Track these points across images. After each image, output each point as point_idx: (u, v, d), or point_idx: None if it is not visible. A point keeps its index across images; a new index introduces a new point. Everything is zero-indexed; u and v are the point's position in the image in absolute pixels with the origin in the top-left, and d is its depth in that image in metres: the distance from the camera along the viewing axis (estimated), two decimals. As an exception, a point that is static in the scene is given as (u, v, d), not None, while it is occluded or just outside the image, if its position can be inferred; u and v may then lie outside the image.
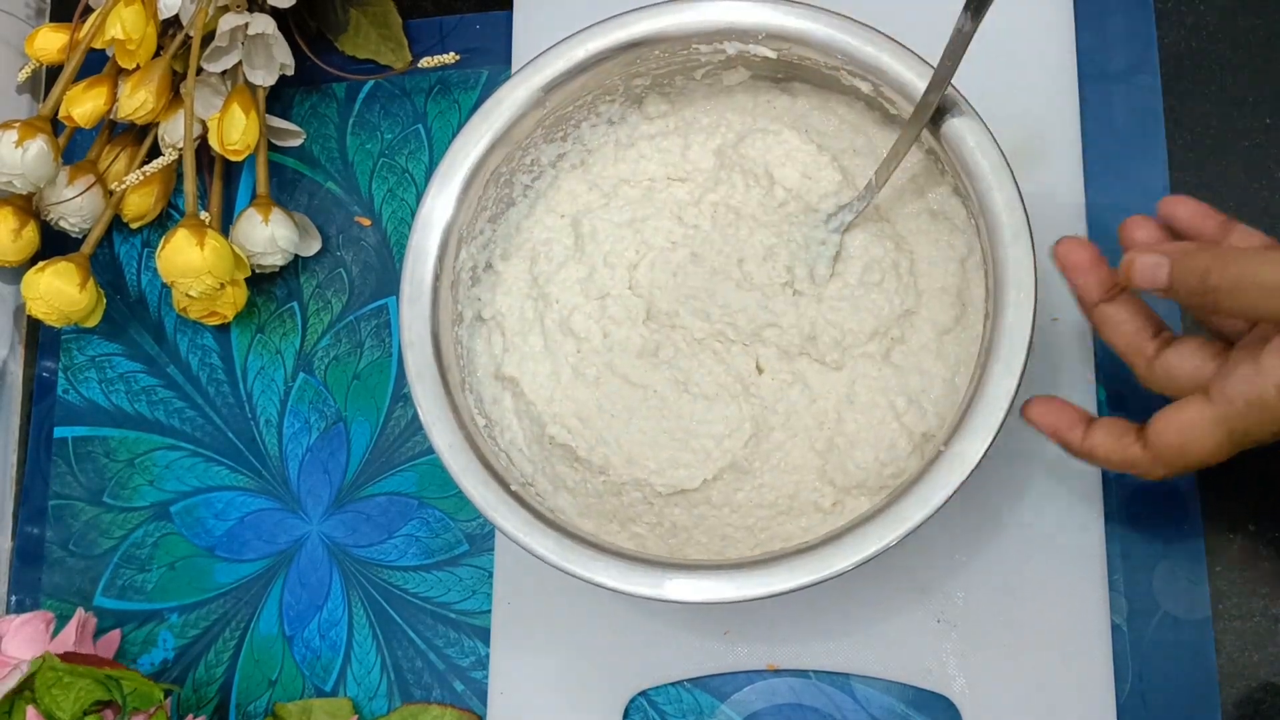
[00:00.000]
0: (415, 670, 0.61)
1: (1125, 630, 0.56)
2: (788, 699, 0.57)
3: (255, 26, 0.62)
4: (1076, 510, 0.56)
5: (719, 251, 0.57)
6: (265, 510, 0.65)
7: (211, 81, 0.65)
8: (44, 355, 0.69)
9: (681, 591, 0.50)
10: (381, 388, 0.65)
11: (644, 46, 0.55)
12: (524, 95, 0.55)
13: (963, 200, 0.55)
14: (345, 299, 0.66)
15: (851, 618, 0.57)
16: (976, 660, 0.56)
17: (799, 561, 0.49)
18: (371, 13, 0.68)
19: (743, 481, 0.55)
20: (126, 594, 0.65)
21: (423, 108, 0.68)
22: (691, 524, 0.55)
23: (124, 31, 0.61)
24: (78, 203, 0.65)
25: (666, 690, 0.59)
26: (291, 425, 0.65)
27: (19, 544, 0.67)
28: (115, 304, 0.69)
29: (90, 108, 0.63)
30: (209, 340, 0.67)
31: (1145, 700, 0.55)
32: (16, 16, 0.71)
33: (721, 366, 0.56)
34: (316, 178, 0.68)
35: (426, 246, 0.55)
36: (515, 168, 0.58)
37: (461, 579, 0.62)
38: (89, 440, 0.67)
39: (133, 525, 0.66)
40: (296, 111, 0.69)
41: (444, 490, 0.63)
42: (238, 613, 0.64)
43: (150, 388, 0.67)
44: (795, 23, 0.53)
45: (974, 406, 0.49)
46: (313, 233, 0.67)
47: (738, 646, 0.58)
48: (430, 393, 0.53)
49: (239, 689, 0.63)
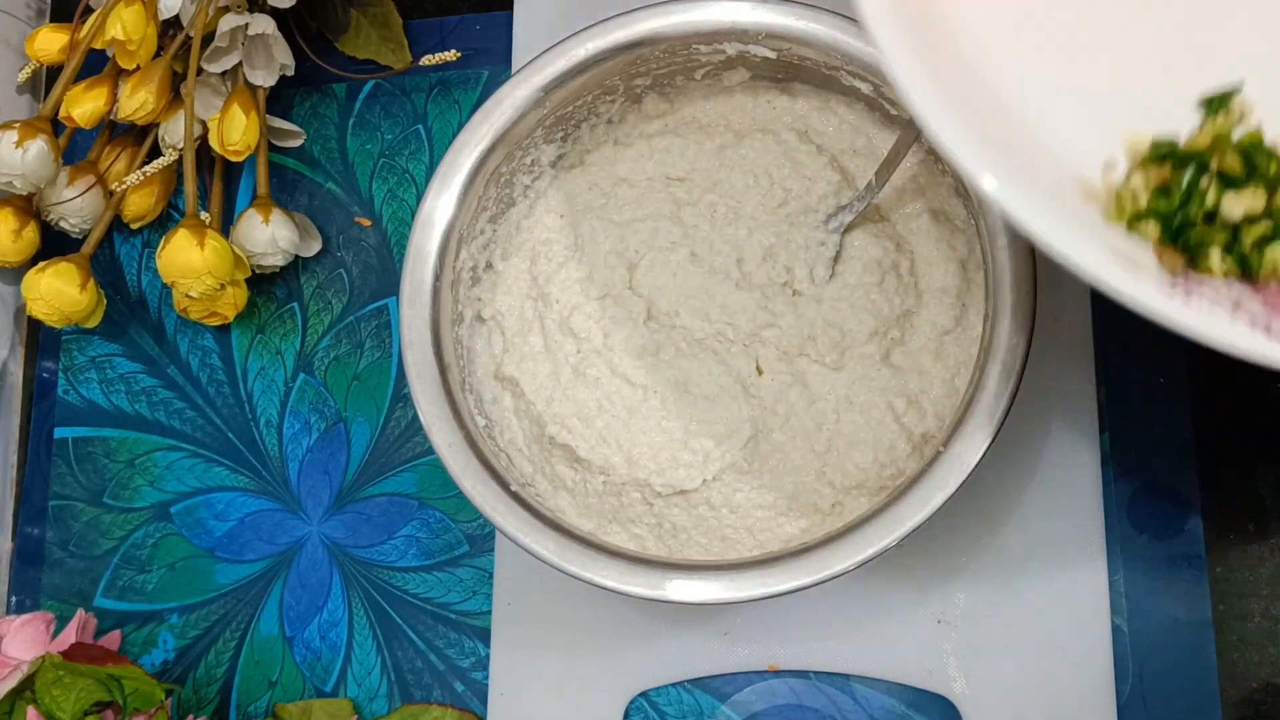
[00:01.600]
0: (415, 671, 0.61)
1: (1126, 631, 0.56)
2: (788, 700, 0.57)
3: (255, 27, 0.62)
4: (1076, 511, 0.56)
5: (718, 252, 0.57)
6: (265, 511, 0.65)
7: (212, 82, 0.65)
8: (44, 356, 0.69)
9: (682, 592, 0.50)
10: (382, 388, 0.65)
11: (644, 46, 0.55)
12: (524, 95, 0.55)
13: (963, 200, 0.55)
14: (345, 299, 0.66)
15: (852, 619, 0.57)
16: (977, 661, 0.56)
17: (799, 562, 0.49)
18: (372, 13, 0.68)
19: (742, 482, 0.55)
20: (127, 595, 0.65)
21: (423, 108, 0.68)
22: (691, 524, 0.55)
23: (124, 32, 0.61)
24: (78, 203, 0.65)
25: (667, 691, 0.58)
26: (292, 426, 0.65)
27: (19, 545, 0.67)
28: (115, 305, 0.69)
29: (90, 108, 0.63)
30: (209, 341, 0.67)
31: (1146, 701, 0.55)
32: (17, 17, 0.71)
33: (721, 367, 0.56)
34: (317, 178, 0.68)
35: (427, 247, 0.55)
36: (515, 168, 0.58)
37: (462, 580, 0.62)
38: (89, 441, 0.67)
39: (133, 526, 0.66)
40: (297, 112, 0.69)
41: (444, 491, 0.63)
42: (238, 613, 0.64)
43: (150, 388, 0.67)
44: (796, 23, 0.54)
45: (973, 408, 0.49)
46: (313, 233, 0.67)
47: (738, 647, 0.58)
48: (430, 393, 0.53)
49: (239, 690, 0.63)
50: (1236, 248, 0.40)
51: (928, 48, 0.40)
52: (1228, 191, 0.40)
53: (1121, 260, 0.38)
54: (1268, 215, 0.40)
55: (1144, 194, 0.41)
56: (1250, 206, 0.40)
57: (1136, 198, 0.41)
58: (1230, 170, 0.41)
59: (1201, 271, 0.40)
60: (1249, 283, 0.40)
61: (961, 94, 0.40)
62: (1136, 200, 0.41)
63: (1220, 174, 0.41)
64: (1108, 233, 0.40)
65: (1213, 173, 0.41)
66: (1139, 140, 0.42)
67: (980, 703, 0.56)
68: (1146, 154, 0.41)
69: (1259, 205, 0.40)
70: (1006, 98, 0.41)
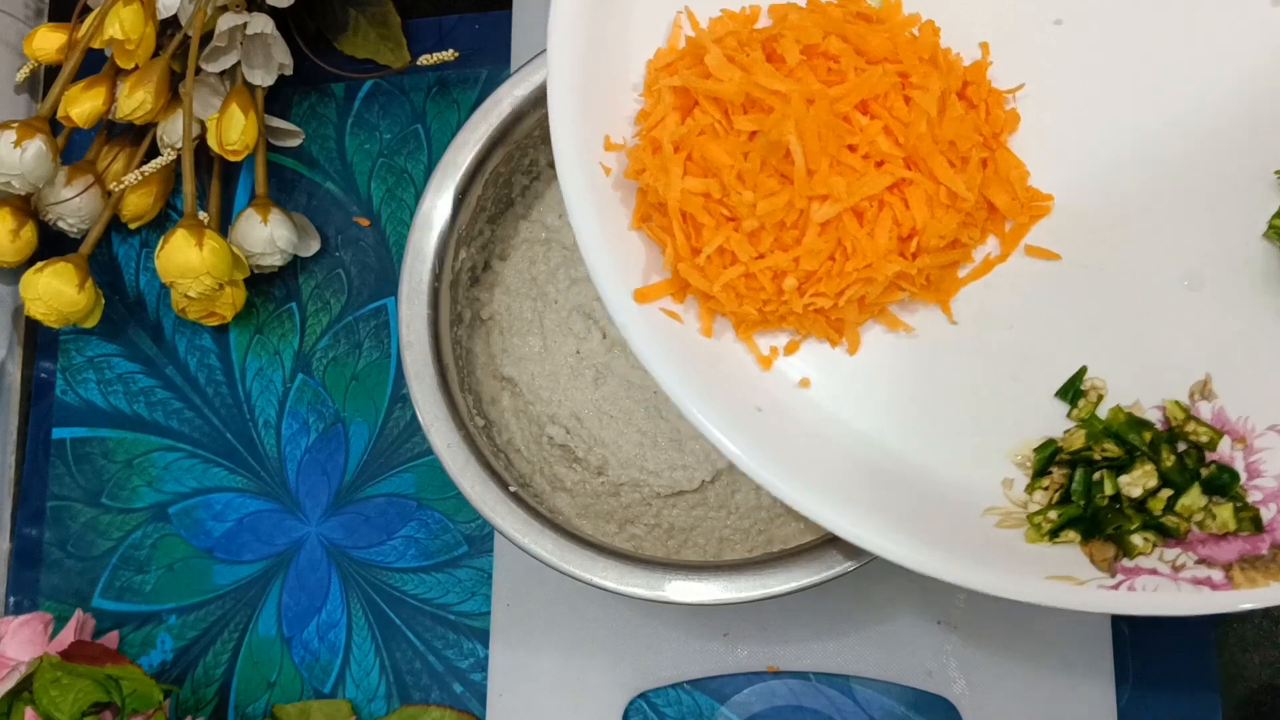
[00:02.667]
0: (414, 672, 0.61)
1: (1126, 632, 0.55)
2: (788, 701, 0.57)
3: (254, 26, 0.62)
4: (1077, 512, 0.56)
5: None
6: (264, 512, 0.65)
7: (210, 81, 0.65)
8: (42, 356, 0.69)
9: (681, 593, 0.50)
10: (380, 388, 0.65)
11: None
12: (523, 94, 0.55)
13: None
14: (344, 299, 0.66)
15: (852, 619, 0.57)
16: (977, 662, 0.56)
17: (798, 563, 0.49)
18: (371, 12, 0.68)
19: (741, 483, 0.55)
20: (125, 595, 0.65)
21: (422, 107, 0.68)
22: (689, 525, 0.55)
23: (122, 31, 0.61)
24: (76, 203, 0.65)
25: (666, 692, 0.58)
26: (290, 426, 0.65)
27: (17, 545, 0.67)
28: (114, 305, 0.69)
29: (89, 108, 0.63)
30: (207, 341, 0.67)
31: (1146, 703, 0.55)
32: (15, 16, 0.71)
33: (721, 367, 0.56)
34: (315, 178, 0.68)
35: (425, 247, 0.55)
36: (514, 168, 0.57)
37: (460, 580, 0.62)
38: (87, 441, 0.67)
39: (131, 526, 0.66)
40: (295, 111, 0.69)
41: (443, 491, 0.63)
42: (236, 614, 0.64)
43: (149, 389, 0.67)
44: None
45: (974, 408, 0.49)
46: (311, 233, 0.67)
47: (738, 648, 0.58)
48: (429, 393, 0.53)
49: (237, 691, 0.63)
50: (1152, 520, 0.42)
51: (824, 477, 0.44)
52: (1120, 477, 0.43)
53: (1061, 579, 0.41)
54: (1164, 481, 0.43)
55: (1052, 510, 0.43)
56: (1145, 483, 0.43)
57: (1047, 515, 0.43)
58: (1113, 455, 0.43)
59: (1134, 556, 0.42)
60: (1177, 543, 0.42)
61: (857, 486, 0.44)
62: (1048, 518, 0.43)
63: (1107, 461, 0.43)
64: (1037, 555, 0.42)
65: (1100, 463, 0.43)
66: (1022, 449, 0.45)
67: (980, 704, 0.55)
68: (1035, 463, 0.44)
69: (1152, 479, 0.43)
70: (899, 473, 0.45)
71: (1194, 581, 0.41)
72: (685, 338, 0.46)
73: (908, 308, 0.47)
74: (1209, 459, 0.43)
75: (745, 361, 0.47)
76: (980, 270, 0.47)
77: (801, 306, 0.45)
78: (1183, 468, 0.43)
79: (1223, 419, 0.44)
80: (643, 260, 0.46)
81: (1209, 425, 0.43)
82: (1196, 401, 0.44)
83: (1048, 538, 0.43)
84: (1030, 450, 0.45)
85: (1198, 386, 0.44)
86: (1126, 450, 0.44)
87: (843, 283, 0.45)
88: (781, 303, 0.45)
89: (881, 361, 0.47)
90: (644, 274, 0.46)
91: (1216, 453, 0.43)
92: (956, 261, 0.47)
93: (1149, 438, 0.43)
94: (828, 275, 0.45)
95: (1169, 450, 0.43)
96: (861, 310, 0.46)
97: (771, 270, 0.45)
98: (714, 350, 0.46)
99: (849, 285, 0.45)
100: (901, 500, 0.44)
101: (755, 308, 0.46)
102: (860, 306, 0.46)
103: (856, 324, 0.47)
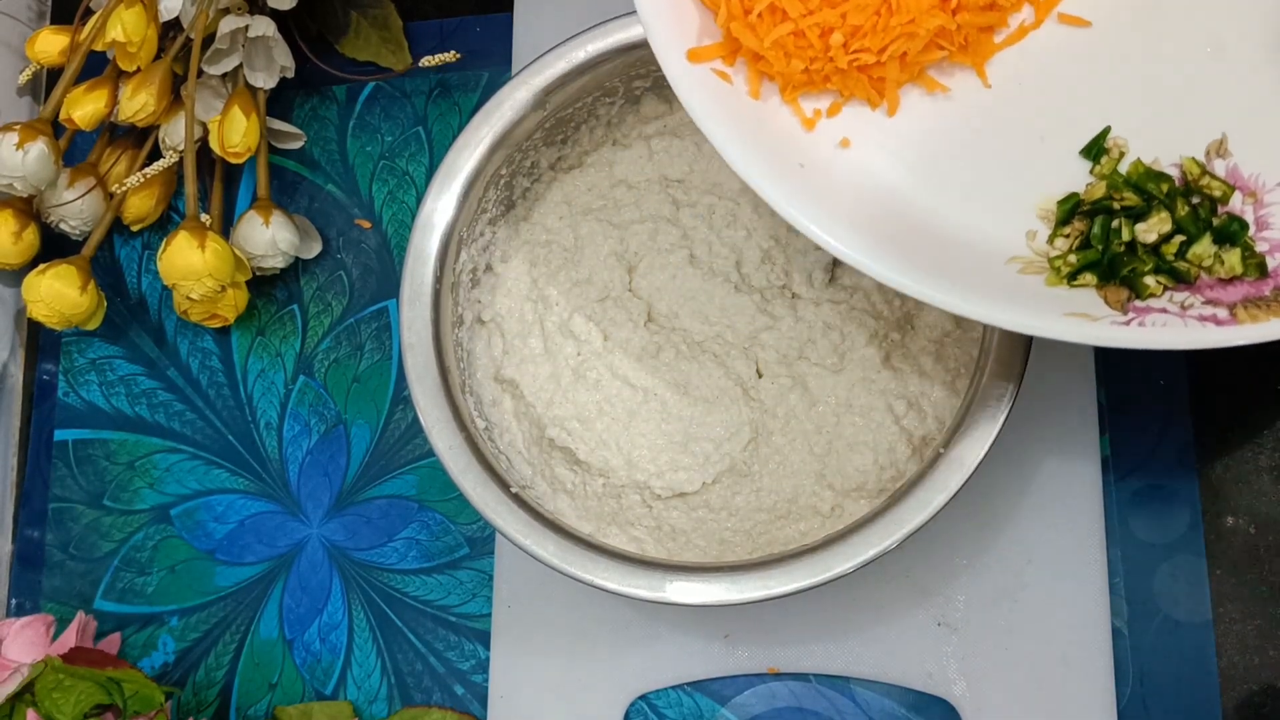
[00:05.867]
0: (415, 674, 0.61)
1: (1126, 634, 0.55)
2: (788, 702, 0.57)
3: (256, 29, 0.62)
4: (1076, 513, 0.56)
5: (717, 254, 0.57)
6: (265, 513, 0.65)
7: (212, 84, 0.65)
8: (44, 358, 0.69)
9: (682, 594, 0.50)
10: (381, 390, 0.65)
11: (644, 48, 0.55)
12: (524, 97, 0.55)
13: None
14: (345, 301, 0.66)
15: (852, 621, 0.57)
16: (977, 664, 0.56)
17: (799, 564, 0.49)
18: (372, 15, 0.68)
19: (742, 485, 0.55)
20: (127, 597, 0.65)
21: (423, 110, 0.68)
22: (690, 527, 0.55)
23: (125, 34, 0.61)
24: (78, 205, 0.65)
25: (667, 694, 0.58)
26: (292, 428, 0.65)
27: (19, 547, 0.67)
28: (116, 307, 0.69)
29: (91, 110, 0.63)
30: (209, 343, 0.67)
31: (1146, 704, 0.55)
32: (17, 19, 0.71)
33: (721, 370, 0.56)
34: (317, 180, 0.68)
35: (427, 249, 0.55)
36: (515, 170, 0.58)
37: (462, 582, 0.62)
38: (89, 443, 0.67)
39: (133, 528, 0.66)
40: (297, 114, 0.69)
41: (444, 493, 0.63)
42: (238, 616, 0.64)
43: (151, 390, 0.67)
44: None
45: (974, 410, 0.49)
46: (313, 235, 0.67)
47: (738, 650, 0.58)
48: (430, 395, 0.53)
49: (239, 692, 0.63)
50: (1164, 265, 0.45)
51: (858, 212, 0.47)
52: (1137, 224, 0.45)
53: (1077, 315, 0.44)
54: (1177, 229, 0.45)
55: (1072, 255, 0.46)
56: (1160, 229, 0.45)
57: (1067, 259, 0.46)
58: (1132, 204, 0.46)
59: (1145, 297, 0.45)
60: (1186, 287, 0.45)
61: (891, 236, 0.46)
62: (1068, 261, 0.46)
63: (1125, 210, 0.46)
64: (1055, 296, 0.45)
65: (1119, 212, 0.46)
66: (1046, 204, 0.47)
67: (981, 705, 0.55)
68: (1058, 215, 0.47)
69: (1167, 225, 0.45)
70: (930, 224, 0.47)
71: (1200, 319, 0.43)
72: (735, 98, 0.48)
73: (945, 71, 0.49)
74: (1221, 211, 0.46)
75: (790, 123, 0.49)
76: (1015, 36, 0.49)
77: (846, 63, 0.47)
78: (1196, 218, 0.45)
79: (1236, 175, 0.46)
80: (696, 24, 0.49)
81: (1223, 180, 0.46)
82: (1212, 159, 0.46)
83: (1066, 281, 0.45)
84: (1054, 204, 0.47)
85: (1214, 145, 0.46)
86: (1144, 199, 0.46)
87: (887, 38, 0.47)
88: (828, 60, 0.48)
89: (918, 123, 0.49)
90: (698, 36, 0.48)
91: (1228, 206, 0.46)
92: (992, 25, 0.49)
93: (1166, 189, 0.46)
94: (873, 30, 0.47)
95: (1184, 202, 0.46)
96: (902, 69, 0.48)
97: (820, 26, 0.47)
98: (761, 111, 0.48)
99: (892, 40, 0.47)
100: (932, 247, 0.46)
101: (802, 66, 0.48)
102: (901, 65, 0.48)
103: (897, 83, 0.49)
